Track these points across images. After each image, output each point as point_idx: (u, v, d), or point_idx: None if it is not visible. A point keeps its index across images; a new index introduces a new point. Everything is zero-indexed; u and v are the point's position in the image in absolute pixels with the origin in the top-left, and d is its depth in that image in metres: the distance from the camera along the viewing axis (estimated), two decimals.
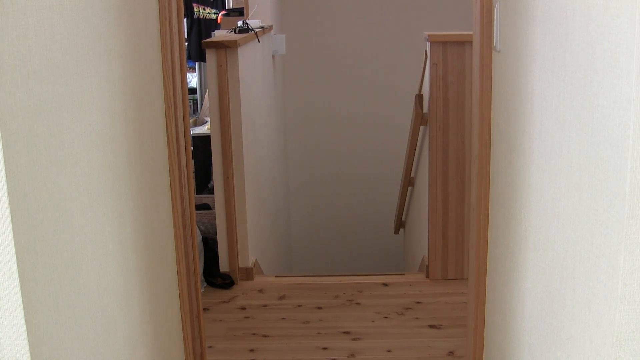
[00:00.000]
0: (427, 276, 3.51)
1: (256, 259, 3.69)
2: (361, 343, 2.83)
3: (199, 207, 3.71)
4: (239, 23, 3.80)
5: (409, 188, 4.46)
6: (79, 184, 1.20)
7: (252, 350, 2.78)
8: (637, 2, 0.84)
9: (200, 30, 5.25)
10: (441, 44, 3.31)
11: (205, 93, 4.84)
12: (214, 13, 5.30)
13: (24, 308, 0.97)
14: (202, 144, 4.36)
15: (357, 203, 6.37)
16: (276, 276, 3.79)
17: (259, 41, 3.90)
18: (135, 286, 1.52)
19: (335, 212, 6.40)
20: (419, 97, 3.66)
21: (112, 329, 1.36)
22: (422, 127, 3.80)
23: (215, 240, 3.51)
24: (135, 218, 1.53)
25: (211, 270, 3.45)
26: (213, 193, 3.51)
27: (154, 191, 1.72)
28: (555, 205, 1.21)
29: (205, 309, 3.06)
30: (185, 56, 2.03)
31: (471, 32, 1.92)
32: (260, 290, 3.38)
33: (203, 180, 4.49)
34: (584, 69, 1.04)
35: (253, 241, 3.65)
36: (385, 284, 3.42)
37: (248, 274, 3.50)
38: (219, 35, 3.89)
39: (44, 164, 1.05)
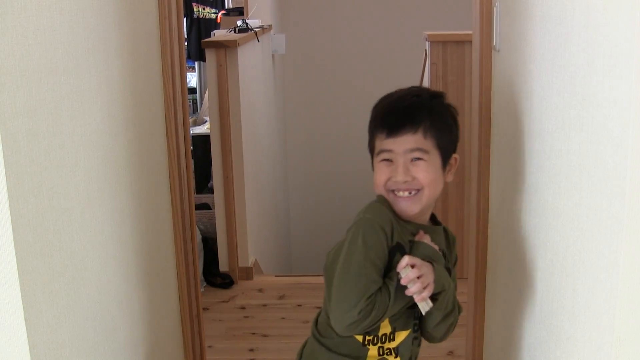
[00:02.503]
0: None
1: (256, 259, 3.69)
2: None
3: (199, 206, 3.71)
4: (239, 22, 3.80)
5: None
6: (79, 184, 1.20)
7: (251, 350, 2.78)
8: (637, 2, 0.84)
9: (200, 29, 5.24)
10: (441, 44, 3.31)
11: (205, 93, 4.84)
12: (214, 12, 5.30)
13: (24, 308, 0.97)
14: (201, 144, 4.35)
15: (357, 202, 6.32)
16: (276, 275, 3.78)
17: (258, 41, 3.90)
18: (135, 286, 1.52)
19: (335, 212, 6.39)
20: None
21: (112, 329, 1.36)
22: None
23: (215, 240, 3.51)
24: (135, 218, 1.53)
25: (211, 269, 3.45)
26: (213, 193, 3.51)
27: (154, 191, 1.72)
28: (555, 205, 1.21)
29: (205, 309, 3.05)
30: (185, 56, 2.02)
31: (471, 32, 1.92)
32: (260, 290, 3.38)
33: (203, 180, 4.49)
34: (584, 69, 1.04)
35: (252, 240, 3.64)
36: None
37: (248, 273, 3.50)
38: (218, 34, 3.89)
39: (44, 164, 1.05)
